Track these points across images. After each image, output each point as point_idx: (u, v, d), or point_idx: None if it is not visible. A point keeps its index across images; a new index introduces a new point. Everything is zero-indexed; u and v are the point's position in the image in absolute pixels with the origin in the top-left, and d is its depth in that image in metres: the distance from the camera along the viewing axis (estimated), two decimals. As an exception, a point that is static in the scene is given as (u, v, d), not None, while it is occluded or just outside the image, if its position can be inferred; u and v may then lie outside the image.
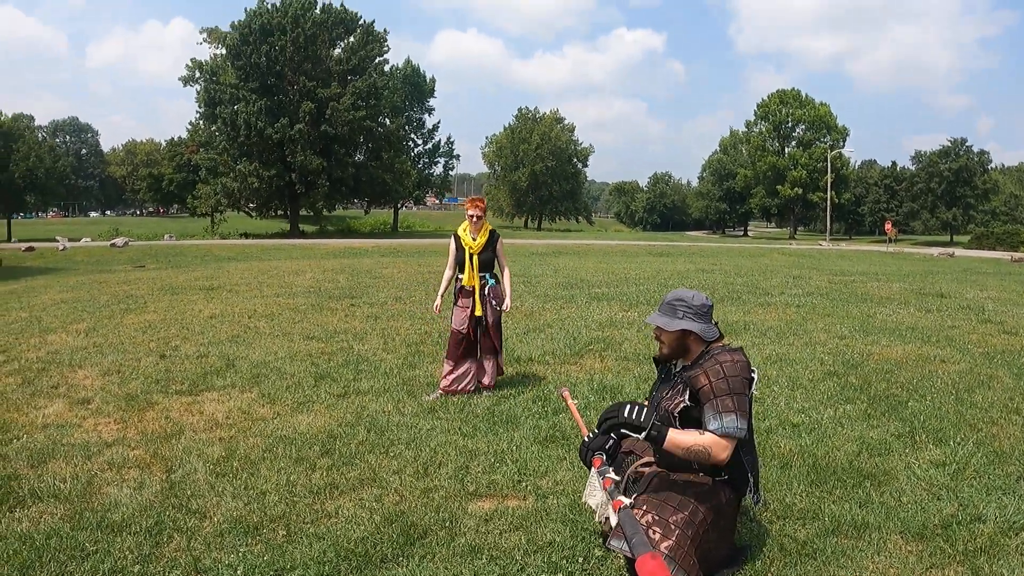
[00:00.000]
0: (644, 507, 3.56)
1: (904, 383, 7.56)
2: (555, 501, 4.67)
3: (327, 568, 3.84)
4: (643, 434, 3.52)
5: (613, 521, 3.52)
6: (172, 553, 4.03)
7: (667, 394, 3.80)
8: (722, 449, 3.54)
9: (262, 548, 4.08)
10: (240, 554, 4.01)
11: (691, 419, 3.66)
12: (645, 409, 3.60)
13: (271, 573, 3.80)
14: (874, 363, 8.49)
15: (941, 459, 5.33)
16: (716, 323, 3.86)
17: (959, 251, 47.33)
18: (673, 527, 3.46)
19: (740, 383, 3.59)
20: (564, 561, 3.90)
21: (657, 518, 3.49)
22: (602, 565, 3.87)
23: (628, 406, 3.60)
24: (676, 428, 3.64)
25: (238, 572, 3.80)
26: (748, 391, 3.63)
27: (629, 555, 3.29)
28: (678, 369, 3.87)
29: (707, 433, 3.56)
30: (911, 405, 6.73)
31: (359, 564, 3.89)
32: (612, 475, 3.77)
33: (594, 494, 3.82)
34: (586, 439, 4.13)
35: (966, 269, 26.31)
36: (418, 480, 5.09)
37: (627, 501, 3.55)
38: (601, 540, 3.99)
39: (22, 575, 3.79)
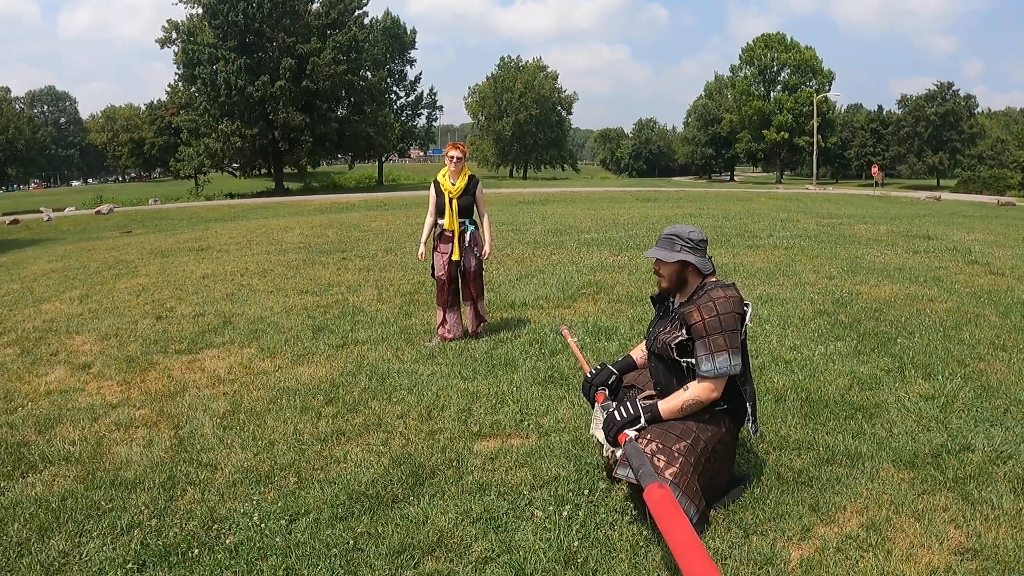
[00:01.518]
0: (648, 436, 3.68)
1: (893, 321, 7.68)
2: (557, 438, 4.79)
3: (340, 510, 3.95)
4: (642, 420, 3.73)
5: (619, 453, 3.65)
6: (187, 505, 4.13)
7: (665, 329, 3.91)
8: (711, 391, 3.70)
9: (275, 495, 4.19)
10: (254, 502, 4.11)
11: (688, 352, 3.78)
12: (630, 402, 3.83)
13: (286, 518, 3.90)
14: (863, 302, 8.60)
15: (930, 392, 5.46)
16: (710, 257, 3.94)
17: (945, 195, 47.46)
18: (676, 455, 3.59)
19: (732, 319, 3.69)
20: (570, 494, 4.03)
21: (661, 446, 3.61)
22: (606, 497, 3.99)
23: (617, 412, 3.81)
24: (662, 399, 3.84)
25: (254, 519, 3.90)
26: (740, 326, 3.74)
27: (635, 482, 3.41)
28: (675, 306, 3.96)
29: (690, 385, 3.74)
30: (900, 342, 6.85)
31: (371, 505, 4.01)
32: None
33: (599, 427, 3.95)
34: (588, 375, 4.27)
35: (953, 212, 26.40)
36: (422, 423, 5.20)
37: (632, 434, 3.68)
38: (605, 473, 4.12)
39: (41, 536, 3.85)
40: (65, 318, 9.38)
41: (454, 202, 7.31)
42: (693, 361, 3.76)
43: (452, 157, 7.30)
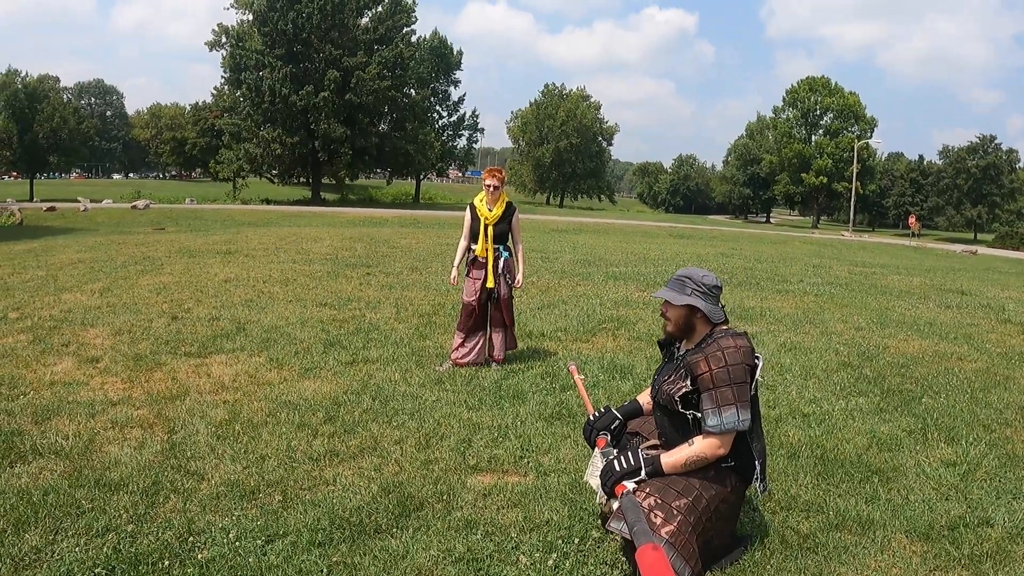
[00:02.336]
0: (647, 489, 3.49)
1: (919, 378, 7.44)
2: (556, 479, 4.62)
3: (320, 536, 3.81)
4: (642, 473, 3.53)
5: (615, 504, 3.46)
6: (167, 514, 4.03)
7: (669, 378, 3.72)
8: (717, 447, 3.50)
9: (256, 513, 4.07)
10: (234, 518, 3.99)
11: (692, 404, 3.59)
12: (631, 452, 3.63)
13: (263, 538, 3.78)
14: (890, 356, 8.36)
15: (952, 458, 5.23)
16: (723, 306, 3.76)
17: (982, 249, 46.96)
18: (675, 512, 3.39)
19: (741, 371, 3.49)
20: (560, 541, 3.85)
21: (660, 501, 3.42)
22: (598, 547, 3.81)
23: (616, 461, 3.61)
24: (665, 451, 3.64)
25: (231, 535, 3.78)
26: (750, 379, 3.54)
27: (628, 538, 3.23)
28: (681, 353, 3.78)
29: (695, 440, 3.54)
30: (925, 401, 6.62)
31: (352, 533, 3.86)
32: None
33: (596, 475, 3.76)
34: (591, 418, 4.08)
35: (988, 268, 26.03)
36: (419, 451, 5.05)
37: (631, 486, 3.48)
38: (600, 522, 3.94)
39: (17, 530, 3.78)
40: (83, 309, 9.37)
41: (489, 228, 7.19)
42: (699, 413, 3.57)
43: (489, 186, 7.18)
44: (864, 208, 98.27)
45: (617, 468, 3.56)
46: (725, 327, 3.69)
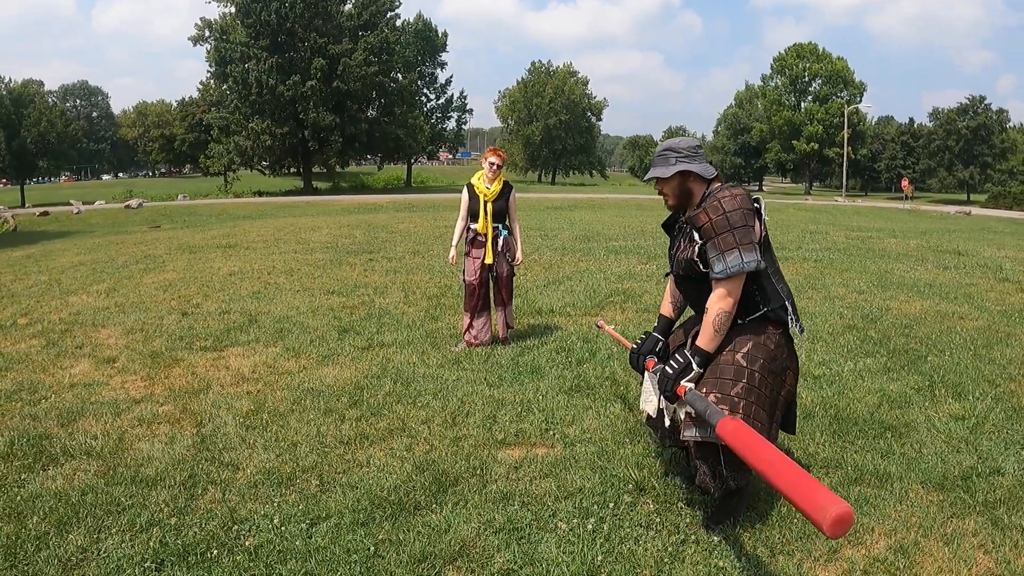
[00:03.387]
0: (705, 388, 3.58)
1: (923, 338, 7.57)
2: (583, 449, 4.74)
3: (362, 516, 3.91)
4: (694, 365, 3.58)
5: (681, 413, 3.58)
6: (208, 505, 4.09)
7: (680, 246, 3.79)
8: (727, 294, 3.54)
9: (296, 498, 4.15)
10: (275, 504, 4.07)
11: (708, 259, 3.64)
12: (677, 353, 3.68)
13: (307, 522, 3.87)
14: (892, 318, 8.49)
15: (960, 413, 5.36)
16: (711, 162, 3.80)
17: (975, 210, 47.03)
18: (736, 399, 3.50)
19: (740, 216, 3.51)
20: (594, 506, 3.97)
21: (720, 395, 3.52)
22: (632, 511, 3.94)
23: (667, 366, 3.67)
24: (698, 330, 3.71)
25: (275, 521, 3.86)
26: (751, 222, 3.56)
27: (706, 439, 3.40)
28: (684, 218, 3.83)
29: (708, 303, 3.59)
30: (930, 360, 6.75)
31: (393, 511, 3.96)
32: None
33: (650, 399, 3.86)
34: (633, 347, 4.15)
35: (983, 228, 26.13)
36: (447, 429, 5.15)
37: (689, 385, 3.57)
38: (658, 434, 4.15)
39: (60, 531, 3.81)
40: (91, 311, 9.41)
41: (489, 205, 7.27)
42: None
43: (492, 164, 7.27)
44: (856, 173, 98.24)
45: (670, 371, 3.61)
46: (719, 184, 3.73)
